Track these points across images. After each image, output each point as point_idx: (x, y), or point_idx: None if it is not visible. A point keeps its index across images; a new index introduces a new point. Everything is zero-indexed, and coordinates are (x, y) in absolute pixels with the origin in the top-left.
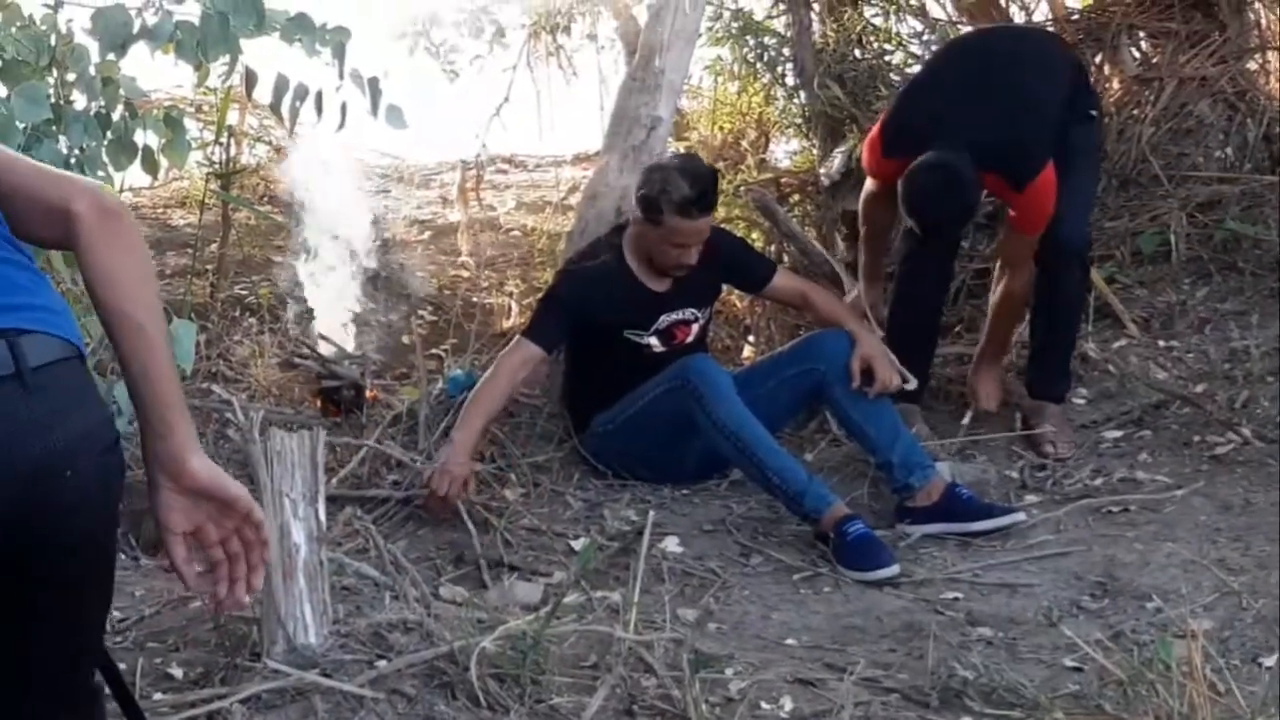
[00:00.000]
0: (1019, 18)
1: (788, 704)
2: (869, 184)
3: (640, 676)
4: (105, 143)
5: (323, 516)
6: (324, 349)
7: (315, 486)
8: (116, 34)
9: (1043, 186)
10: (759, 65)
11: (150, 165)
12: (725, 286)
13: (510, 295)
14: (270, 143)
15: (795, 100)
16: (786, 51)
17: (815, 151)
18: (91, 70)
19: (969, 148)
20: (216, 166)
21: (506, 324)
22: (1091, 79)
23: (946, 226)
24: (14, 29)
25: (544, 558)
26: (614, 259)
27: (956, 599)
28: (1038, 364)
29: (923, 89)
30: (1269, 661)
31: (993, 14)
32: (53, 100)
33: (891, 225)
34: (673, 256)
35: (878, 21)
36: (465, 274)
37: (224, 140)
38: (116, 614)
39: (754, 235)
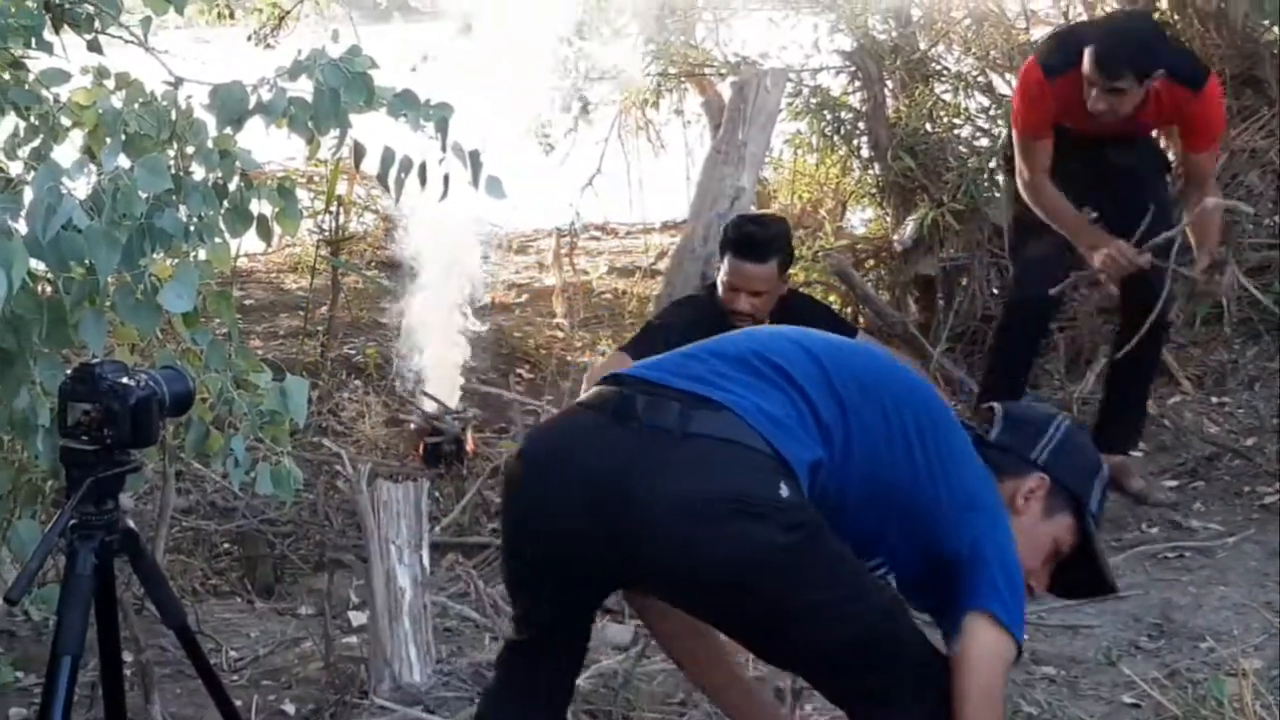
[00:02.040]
0: None
1: None
2: (1021, 170)
3: None
4: (222, 211)
5: (426, 562)
6: (427, 405)
7: (419, 534)
8: (233, 109)
9: (1214, 91)
10: (836, 138)
11: (264, 232)
12: None
13: (602, 354)
14: (377, 211)
15: (870, 171)
16: (862, 125)
17: (889, 219)
18: (209, 143)
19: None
20: (326, 233)
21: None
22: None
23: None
24: (137, 105)
25: None
26: (707, 299)
27: (1022, 640)
28: (1114, 419)
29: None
30: None
31: None
32: (173, 171)
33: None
34: (729, 298)
35: (947, 97)
36: (560, 334)
37: (333, 209)
38: (233, 653)
39: (832, 298)
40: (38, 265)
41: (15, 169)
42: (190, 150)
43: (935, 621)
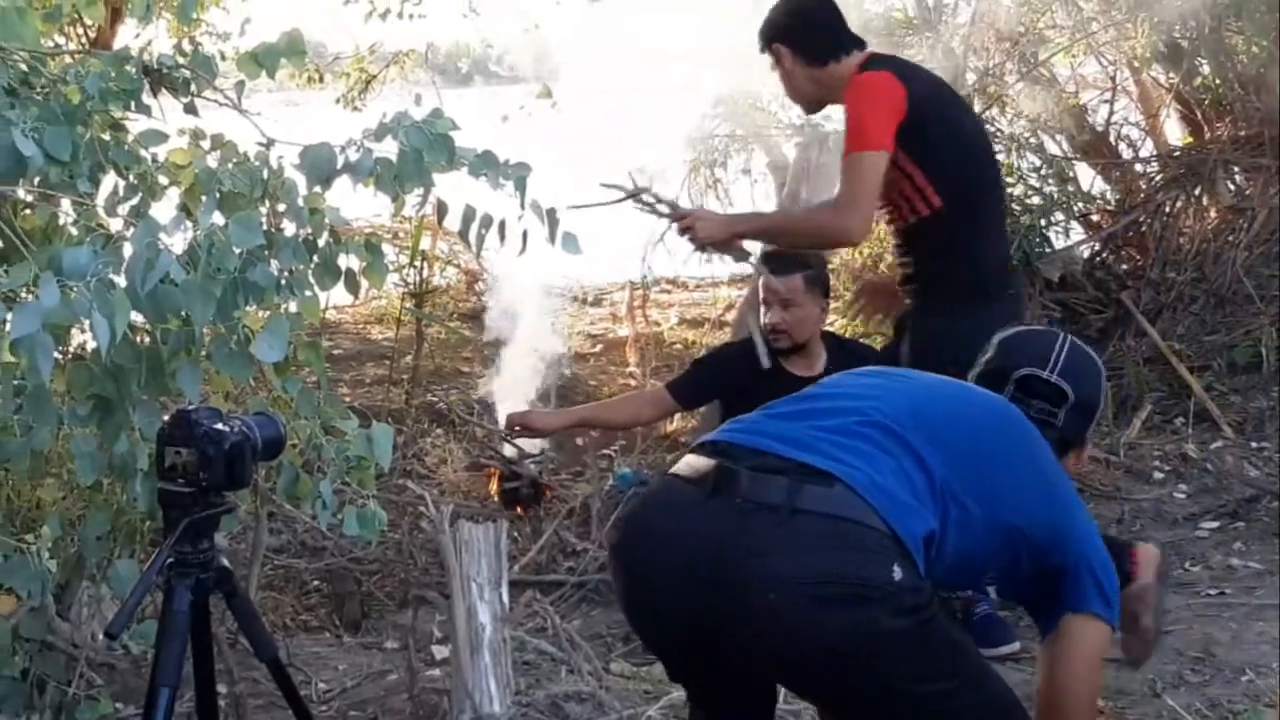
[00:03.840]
0: (1126, 153)
1: None
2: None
3: None
4: (312, 265)
5: (506, 599)
6: (507, 450)
7: (499, 572)
8: (322, 169)
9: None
10: None
11: (352, 285)
12: None
13: None
14: (459, 266)
15: None
16: None
17: None
18: (300, 201)
19: None
20: (410, 286)
21: (670, 427)
22: None
23: None
24: (231, 165)
25: None
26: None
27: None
28: None
29: None
30: None
31: (1104, 151)
32: (265, 227)
33: None
34: (765, 314)
35: (1001, 157)
36: (633, 382)
37: (417, 263)
38: (322, 685)
39: None
40: (137, 317)
41: (116, 225)
42: (281, 208)
43: (1028, 612)
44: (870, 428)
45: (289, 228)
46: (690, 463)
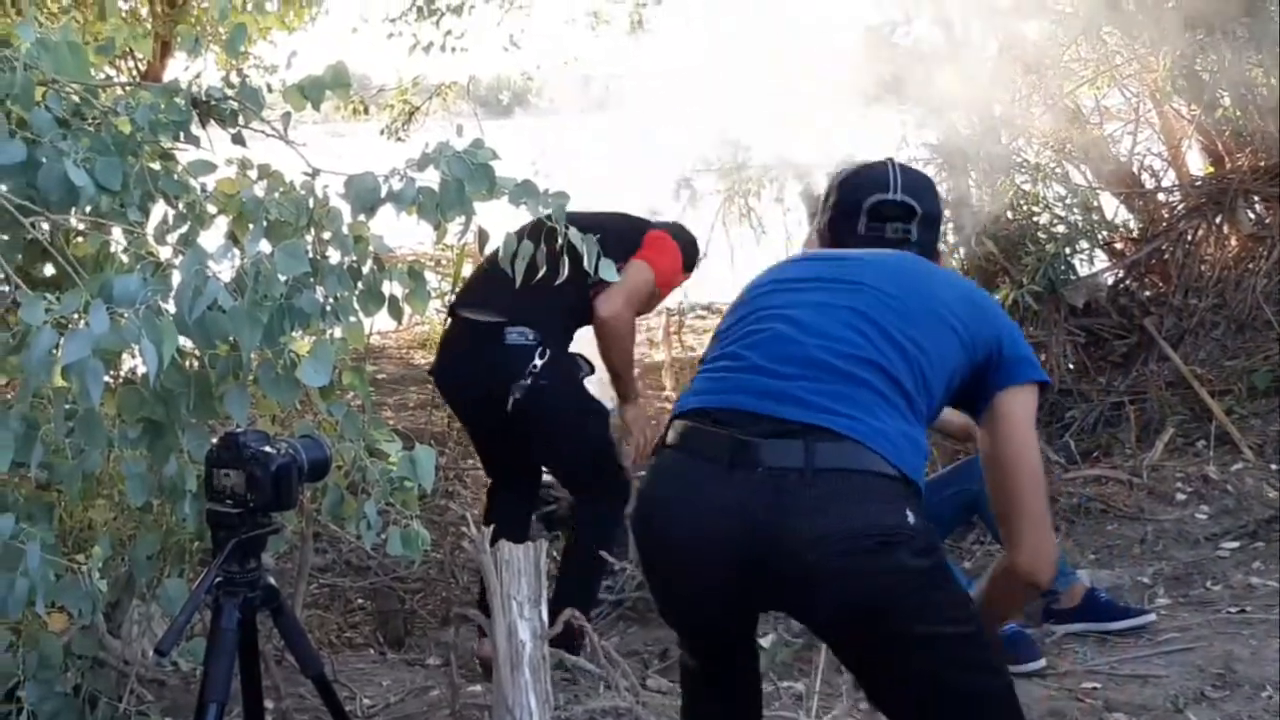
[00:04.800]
0: (1149, 183)
1: None
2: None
3: None
4: (356, 292)
5: (545, 617)
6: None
7: (538, 590)
8: (366, 198)
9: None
10: None
11: (395, 312)
12: None
13: None
14: None
15: (955, 255)
16: (947, 213)
17: None
18: (344, 229)
19: None
20: None
21: None
22: None
23: None
24: (277, 194)
25: None
26: None
27: (1095, 688)
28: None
29: None
30: None
31: (1127, 181)
32: (311, 255)
33: None
34: None
35: (1027, 187)
36: (669, 407)
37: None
38: (367, 701)
39: None
40: (186, 343)
41: (165, 253)
42: (327, 236)
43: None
44: (848, 362)
45: (334, 255)
46: (694, 435)
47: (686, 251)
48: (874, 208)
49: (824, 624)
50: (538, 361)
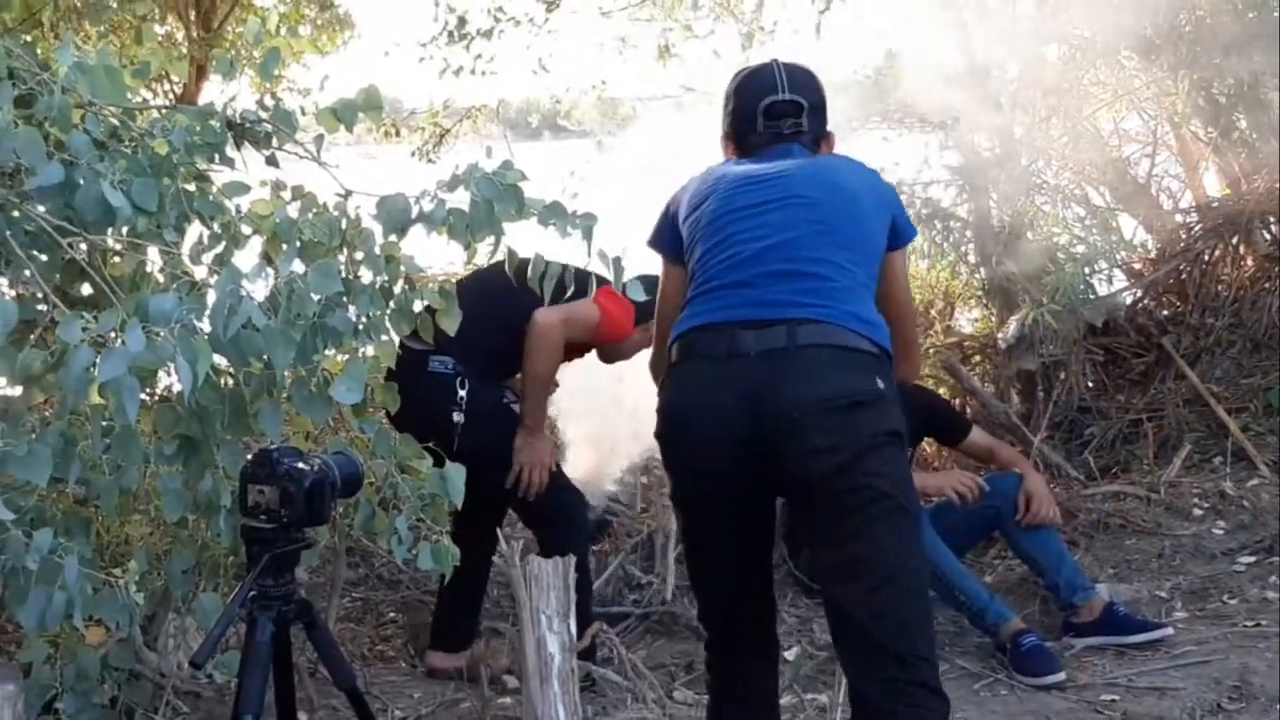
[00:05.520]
0: (1166, 204)
1: None
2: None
3: None
4: (388, 311)
5: (574, 630)
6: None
7: (567, 605)
8: (397, 219)
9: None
10: (945, 245)
11: (426, 330)
12: (927, 437)
13: None
14: None
15: (976, 275)
16: (969, 234)
17: (993, 319)
18: (376, 249)
19: None
20: None
21: None
22: None
23: None
24: (310, 215)
25: None
26: None
27: (1114, 700)
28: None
29: None
30: None
31: (1145, 202)
32: (343, 275)
33: None
34: None
35: (1047, 208)
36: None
37: None
38: (398, 713)
39: (942, 389)
40: (220, 361)
41: (200, 273)
42: (359, 256)
43: None
44: (820, 266)
45: (366, 275)
46: (695, 343)
47: (641, 308)
48: (768, 108)
49: (800, 474)
50: (461, 392)
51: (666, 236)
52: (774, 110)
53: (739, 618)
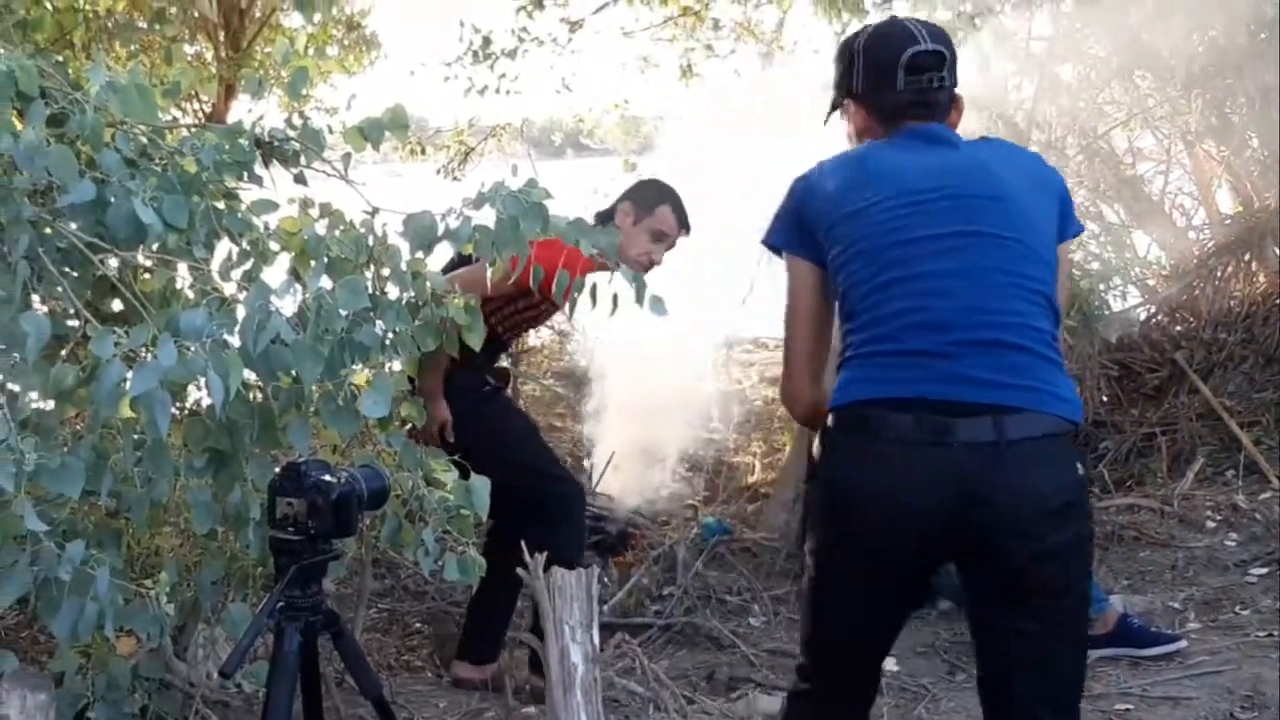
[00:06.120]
0: (1180, 222)
1: None
2: None
3: None
4: (414, 327)
5: (596, 640)
6: (598, 502)
7: (590, 615)
8: (424, 235)
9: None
10: None
11: (452, 346)
12: None
13: (754, 455)
14: (552, 327)
15: None
16: None
17: None
18: (403, 265)
19: None
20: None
21: (751, 479)
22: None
23: None
24: (338, 232)
25: (783, 674)
26: None
27: (1128, 710)
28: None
29: None
30: None
31: (1159, 219)
32: (370, 291)
33: None
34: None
35: None
36: (716, 437)
37: None
38: None
39: None
40: (250, 375)
41: (229, 289)
42: (386, 272)
43: None
44: (1014, 334)
45: (393, 291)
46: (880, 421)
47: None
48: (910, 61)
49: (1014, 570)
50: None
51: (796, 235)
52: (917, 63)
53: (859, 673)
